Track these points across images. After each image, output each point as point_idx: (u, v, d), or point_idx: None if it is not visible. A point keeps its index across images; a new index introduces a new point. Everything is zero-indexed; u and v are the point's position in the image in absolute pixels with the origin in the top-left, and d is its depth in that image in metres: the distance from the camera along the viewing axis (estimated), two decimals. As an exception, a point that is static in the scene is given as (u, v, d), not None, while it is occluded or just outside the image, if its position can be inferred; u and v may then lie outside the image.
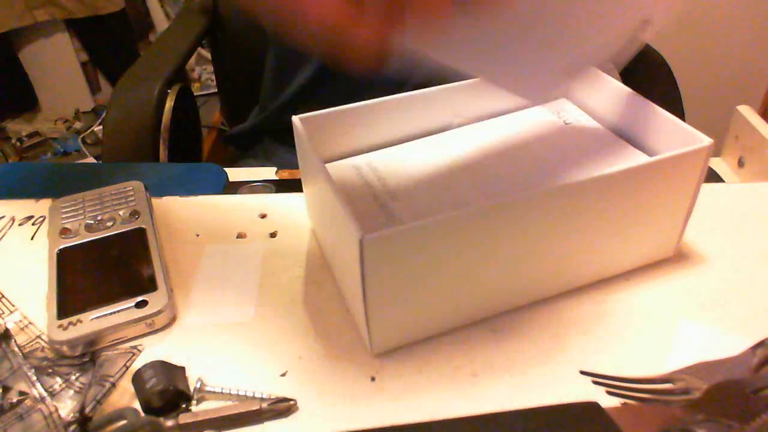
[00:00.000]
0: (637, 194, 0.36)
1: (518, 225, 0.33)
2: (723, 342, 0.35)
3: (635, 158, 0.40)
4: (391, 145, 0.43)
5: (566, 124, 0.44)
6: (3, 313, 0.38)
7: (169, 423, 0.31)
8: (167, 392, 0.32)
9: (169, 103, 0.70)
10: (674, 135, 0.38)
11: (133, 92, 0.71)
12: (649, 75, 0.68)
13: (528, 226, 0.34)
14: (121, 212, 0.44)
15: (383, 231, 0.30)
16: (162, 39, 0.87)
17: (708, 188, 0.46)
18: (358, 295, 0.32)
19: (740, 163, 0.51)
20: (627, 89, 0.41)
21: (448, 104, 0.43)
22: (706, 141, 0.36)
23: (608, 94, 0.43)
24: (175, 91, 0.72)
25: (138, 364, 0.33)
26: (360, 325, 0.36)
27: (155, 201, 0.47)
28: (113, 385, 0.33)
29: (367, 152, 0.43)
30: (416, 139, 0.44)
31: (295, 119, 0.38)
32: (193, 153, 0.88)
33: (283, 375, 0.35)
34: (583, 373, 0.34)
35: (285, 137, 0.75)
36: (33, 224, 0.46)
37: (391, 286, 0.32)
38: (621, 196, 0.35)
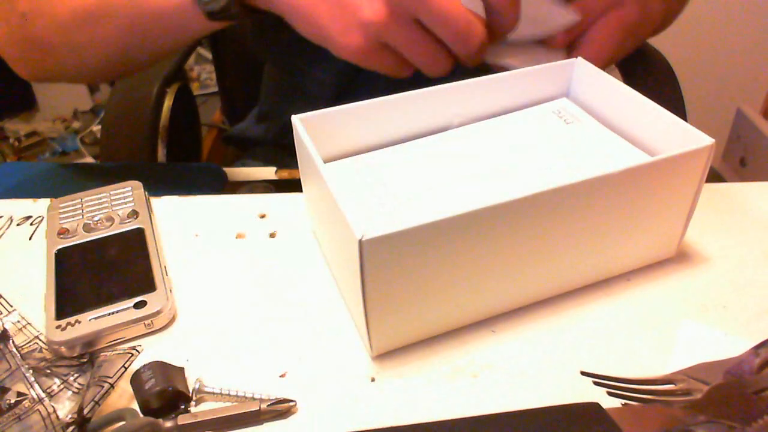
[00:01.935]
0: (639, 194, 0.35)
1: (519, 225, 0.33)
2: (725, 343, 0.35)
3: (637, 158, 0.40)
4: (390, 145, 0.43)
5: (567, 123, 0.44)
6: (1, 313, 0.38)
7: (168, 424, 0.31)
8: (166, 393, 0.32)
9: (168, 102, 0.70)
10: (676, 135, 0.38)
11: (132, 91, 0.70)
12: (650, 75, 0.68)
13: (529, 226, 0.33)
14: (119, 212, 0.44)
15: (383, 232, 0.29)
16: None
17: (709, 188, 0.46)
18: (357, 297, 0.32)
19: (742, 163, 0.51)
20: (628, 89, 0.41)
21: (448, 104, 0.43)
22: (707, 141, 0.35)
23: (610, 93, 0.43)
24: (174, 90, 0.72)
25: (137, 364, 0.33)
26: (359, 327, 0.35)
27: (154, 201, 0.47)
28: (112, 386, 0.32)
29: (367, 152, 0.42)
30: (416, 138, 0.43)
31: (295, 119, 0.38)
32: (192, 152, 0.87)
33: (283, 376, 0.35)
34: (583, 373, 0.34)
35: (286, 143, 0.75)
36: (31, 224, 0.46)
37: (390, 288, 0.32)
38: (622, 196, 0.35)
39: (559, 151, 0.42)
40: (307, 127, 0.38)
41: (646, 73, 0.67)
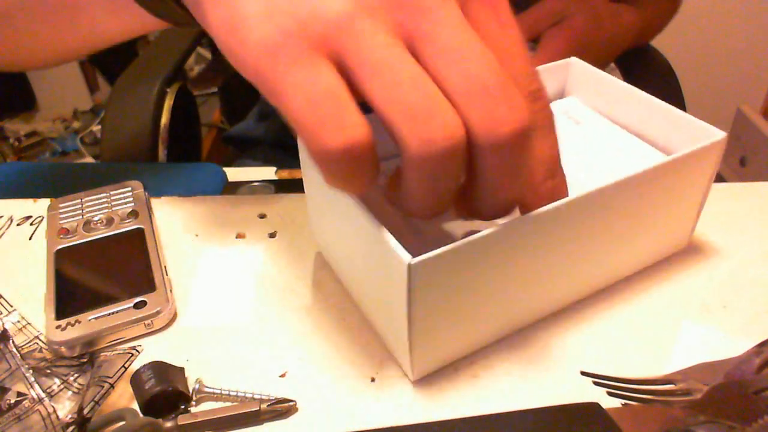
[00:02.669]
0: (659, 191, 0.36)
1: (557, 232, 0.33)
2: (725, 342, 0.35)
3: (651, 155, 0.40)
4: (394, 156, 0.42)
5: (577, 123, 0.44)
6: (1, 313, 0.38)
7: (168, 424, 0.31)
8: (166, 393, 0.32)
9: (168, 103, 0.70)
10: (685, 130, 0.38)
11: (132, 92, 0.70)
12: (650, 74, 0.68)
13: (565, 231, 0.33)
14: (119, 212, 0.44)
15: (431, 253, 0.28)
16: (161, 37, 0.87)
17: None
18: (399, 321, 0.31)
19: (742, 163, 0.51)
20: (627, 85, 0.41)
21: None
22: (720, 134, 0.36)
23: (608, 91, 0.43)
24: (174, 90, 0.72)
25: (137, 364, 0.33)
26: (398, 352, 0.34)
27: (154, 201, 0.47)
28: (112, 386, 0.32)
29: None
30: None
31: None
32: (192, 152, 0.87)
33: (283, 376, 0.35)
34: (583, 373, 0.34)
35: (286, 143, 0.75)
36: (31, 224, 0.46)
37: (436, 309, 0.31)
38: (646, 195, 0.35)
39: (573, 151, 0.41)
40: None
41: (646, 72, 0.67)
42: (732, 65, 1.41)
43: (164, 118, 0.69)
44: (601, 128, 0.43)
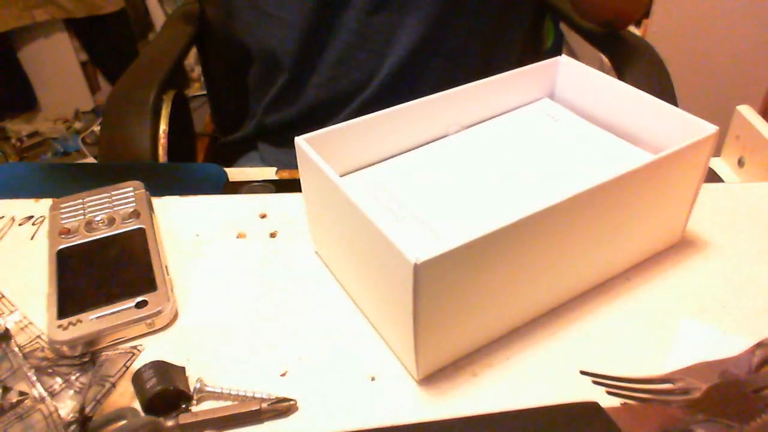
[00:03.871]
0: (654, 186, 0.36)
1: (556, 229, 0.33)
2: (723, 342, 0.35)
3: (626, 149, 0.41)
4: (389, 158, 0.43)
5: (555, 120, 0.44)
6: (3, 313, 0.38)
7: (169, 423, 0.31)
8: (167, 392, 0.32)
9: (166, 111, 0.69)
10: (677, 125, 0.38)
11: (129, 101, 0.70)
12: (643, 72, 0.68)
13: (564, 229, 0.33)
14: (120, 212, 0.44)
15: (436, 252, 0.28)
16: (154, 44, 0.86)
17: (708, 188, 0.46)
18: (404, 321, 0.31)
19: (740, 163, 0.51)
20: (621, 83, 0.42)
21: (443, 112, 0.43)
22: (711, 128, 0.36)
23: (602, 89, 0.43)
24: (171, 97, 0.71)
25: (138, 364, 0.33)
26: (402, 352, 0.34)
27: (155, 201, 0.47)
28: (113, 385, 0.33)
29: (367, 167, 0.42)
30: (414, 149, 0.43)
31: (299, 140, 0.37)
32: (188, 158, 0.87)
33: (283, 375, 0.35)
34: (583, 373, 0.34)
35: (279, 140, 0.75)
36: (33, 224, 0.46)
37: (440, 308, 0.31)
38: (642, 190, 0.36)
39: (553, 149, 0.42)
40: (315, 148, 0.36)
41: (636, 66, 0.67)
42: (731, 65, 1.41)
43: (163, 125, 0.68)
44: (575, 125, 0.44)
